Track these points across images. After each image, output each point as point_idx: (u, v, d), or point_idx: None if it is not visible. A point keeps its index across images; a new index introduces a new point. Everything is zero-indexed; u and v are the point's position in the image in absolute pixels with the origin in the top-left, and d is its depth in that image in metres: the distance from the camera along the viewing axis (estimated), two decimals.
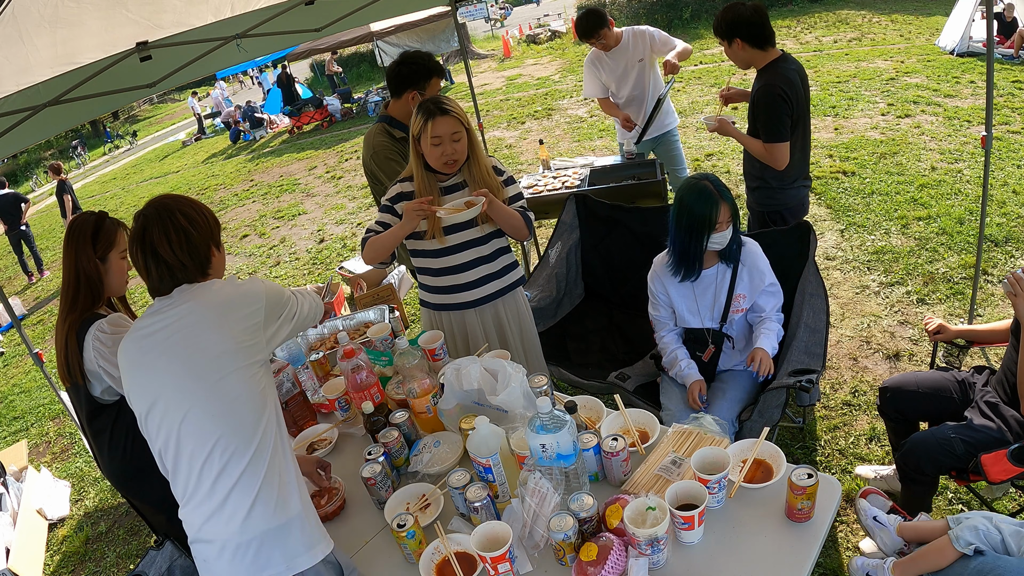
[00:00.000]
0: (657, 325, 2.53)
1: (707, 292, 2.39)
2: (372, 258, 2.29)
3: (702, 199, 2.20)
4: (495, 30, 22.41)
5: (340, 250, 6.58)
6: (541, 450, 1.51)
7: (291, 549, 1.43)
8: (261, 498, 1.41)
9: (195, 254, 1.52)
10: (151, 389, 1.47)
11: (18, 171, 22.44)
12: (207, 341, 1.44)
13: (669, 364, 2.48)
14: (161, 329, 1.47)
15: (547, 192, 4.09)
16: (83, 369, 1.97)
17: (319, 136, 13.31)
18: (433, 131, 2.12)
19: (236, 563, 1.41)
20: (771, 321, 2.37)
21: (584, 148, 7.80)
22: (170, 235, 1.49)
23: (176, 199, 1.56)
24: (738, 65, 2.84)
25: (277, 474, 1.45)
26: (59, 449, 4.55)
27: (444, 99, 2.17)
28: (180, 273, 1.50)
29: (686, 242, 2.27)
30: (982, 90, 6.11)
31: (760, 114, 2.73)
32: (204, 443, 1.41)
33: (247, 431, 1.43)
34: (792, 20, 12.62)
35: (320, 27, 4.09)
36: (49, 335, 6.80)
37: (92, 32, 2.35)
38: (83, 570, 3.30)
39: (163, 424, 1.46)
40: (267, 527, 1.41)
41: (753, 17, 2.66)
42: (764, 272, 2.36)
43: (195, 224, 1.53)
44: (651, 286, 2.49)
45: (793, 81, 2.65)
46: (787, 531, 1.49)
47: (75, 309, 2.00)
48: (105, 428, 2.06)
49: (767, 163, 2.78)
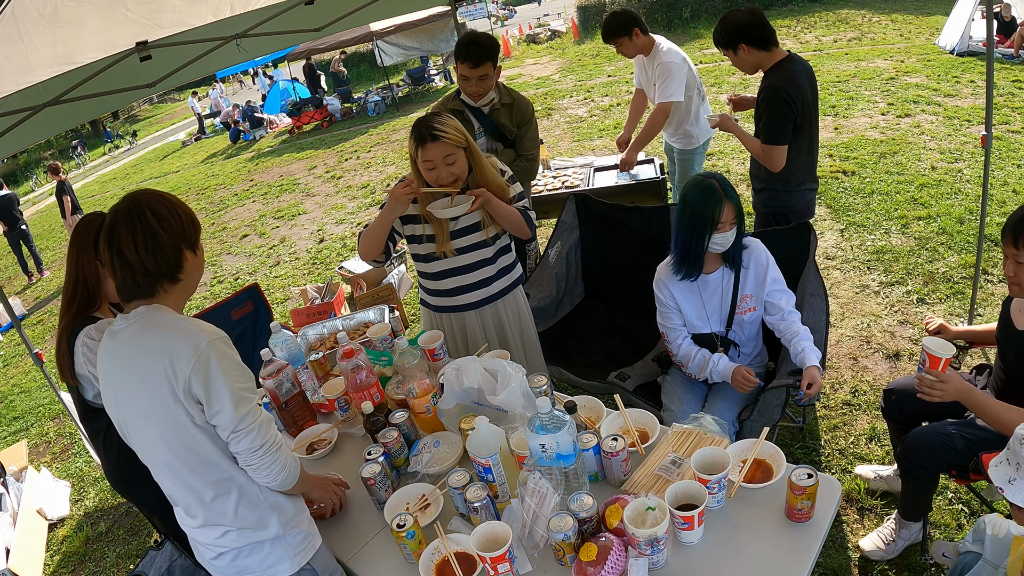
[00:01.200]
0: (671, 335, 2.39)
1: (714, 297, 2.33)
2: (366, 251, 2.29)
3: (706, 196, 2.14)
4: (495, 29, 22.40)
5: (340, 250, 6.57)
6: (541, 450, 1.51)
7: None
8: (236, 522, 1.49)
9: (162, 256, 1.40)
10: (113, 404, 1.50)
11: (18, 171, 22.45)
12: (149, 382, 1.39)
13: (699, 369, 2.32)
14: (116, 351, 1.45)
15: (547, 192, 4.09)
16: (75, 372, 1.97)
17: (319, 136, 13.31)
18: (424, 156, 2.10)
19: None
20: (801, 331, 2.22)
21: (584, 148, 7.79)
22: (136, 235, 1.37)
23: (150, 196, 1.43)
24: (747, 71, 2.81)
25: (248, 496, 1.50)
26: (59, 449, 4.55)
27: (438, 121, 2.09)
28: (142, 277, 1.40)
29: (688, 239, 2.21)
30: (982, 89, 6.11)
31: (762, 114, 2.72)
32: (167, 469, 1.47)
33: (207, 462, 1.45)
34: (792, 20, 12.61)
35: (320, 27, 4.09)
36: (49, 335, 6.81)
37: (92, 31, 2.34)
38: (83, 570, 3.30)
39: (131, 440, 1.52)
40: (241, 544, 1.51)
41: (752, 20, 2.66)
42: (768, 267, 2.29)
43: (165, 224, 1.40)
44: (658, 294, 2.39)
45: (799, 84, 2.64)
46: (787, 531, 1.49)
47: (70, 311, 1.99)
48: (100, 431, 2.06)
49: (763, 164, 2.79)
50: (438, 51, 16.11)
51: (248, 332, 3.42)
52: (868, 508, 2.50)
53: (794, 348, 2.20)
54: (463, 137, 2.13)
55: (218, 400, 1.37)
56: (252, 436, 1.42)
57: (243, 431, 1.41)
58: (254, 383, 1.49)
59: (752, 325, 2.38)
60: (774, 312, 2.29)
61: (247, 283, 4.89)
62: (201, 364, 1.34)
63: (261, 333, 3.41)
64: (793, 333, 2.22)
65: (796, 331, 2.22)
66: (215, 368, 1.36)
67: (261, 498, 1.50)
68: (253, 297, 3.48)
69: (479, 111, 2.97)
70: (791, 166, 2.77)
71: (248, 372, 1.46)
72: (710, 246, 2.21)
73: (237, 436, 1.41)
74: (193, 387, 1.35)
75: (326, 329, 2.89)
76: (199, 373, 1.34)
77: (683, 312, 2.37)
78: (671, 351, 2.43)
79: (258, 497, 1.50)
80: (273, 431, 1.48)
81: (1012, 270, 1.81)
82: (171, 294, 1.45)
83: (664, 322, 2.41)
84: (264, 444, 1.44)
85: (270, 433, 1.46)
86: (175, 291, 1.46)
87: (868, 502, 2.52)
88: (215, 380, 1.36)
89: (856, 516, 2.48)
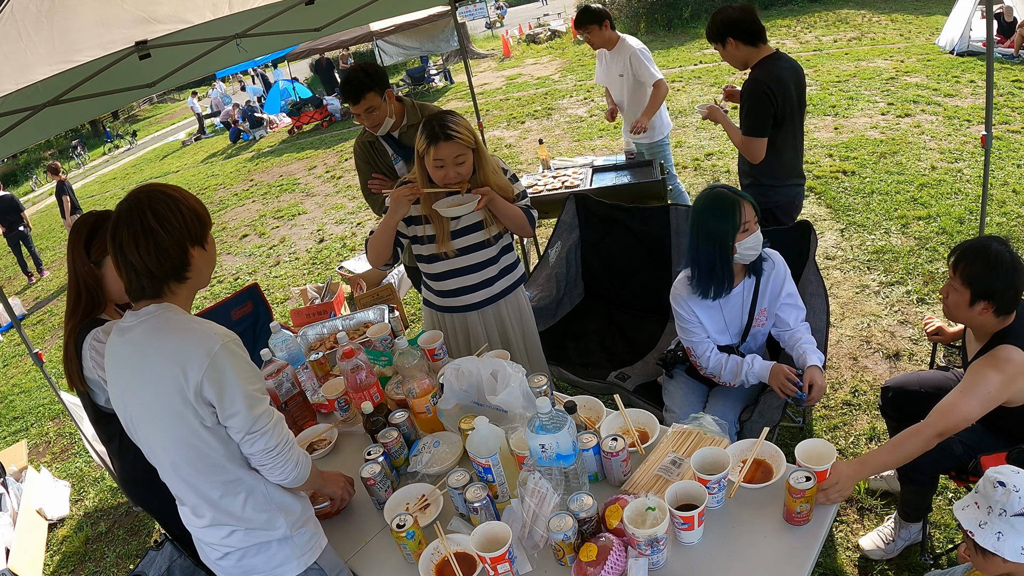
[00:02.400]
0: (698, 348, 2.26)
1: (734, 310, 2.26)
2: (374, 257, 2.28)
3: (720, 203, 2.04)
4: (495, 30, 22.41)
5: (340, 250, 6.57)
6: (541, 450, 1.51)
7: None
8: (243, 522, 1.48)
9: (166, 258, 1.36)
10: (120, 402, 1.49)
11: (18, 171, 22.43)
12: (160, 379, 1.38)
13: (733, 376, 2.22)
14: (125, 350, 1.43)
15: (547, 192, 4.09)
16: (83, 377, 1.93)
17: (319, 136, 13.31)
18: (435, 155, 2.09)
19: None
20: (805, 335, 2.19)
21: (584, 148, 7.79)
22: (138, 238, 1.34)
23: (151, 194, 1.38)
24: (735, 66, 2.89)
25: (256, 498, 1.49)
26: (59, 449, 4.55)
27: (452, 121, 2.09)
28: (148, 280, 1.38)
29: (711, 255, 2.06)
30: (982, 89, 6.10)
31: (744, 106, 2.80)
32: (172, 470, 1.46)
33: (214, 462, 1.44)
34: (792, 19, 12.60)
35: (320, 27, 4.08)
36: (49, 335, 6.81)
37: (89, 24, 2.33)
38: (83, 570, 3.30)
39: (137, 438, 1.51)
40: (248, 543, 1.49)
41: (742, 16, 2.74)
42: (785, 282, 2.23)
43: (167, 224, 1.36)
44: (678, 310, 2.26)
45: (783, 79, 2.69)
46: (787, 531, 1.49)
47: (76, 315, 1.95)
48: (114, 436, 2.01)
49: (744, 155, 2.87)
50: (438, 51, 16.12)
51: (248, 332, 3.41)
52: (868, 508, 2.50)
53: (796, 351, 2.17)
54: (473, 138, 2.14)
55: (232, 403, 1.36)
56: (267, 437, 1.41)
57: (258, 432, 1.40)
58: (264, 384, 1.49)
59: (763, 335, 2.36)
60: (782, 327, 2.26)
61: (247, 283, 4.88)
62: (214, 368, 1.33)
63: (261, 333, 3.41)
64: (796, 339, 2.20)
65: (799, 337, 2.20)
66: (228, 371, 1.34)
67: (269, 498, 1.49)
68: (253, 297, 3.47)
69: (389, 137, 2.89)
70: (775, 161, 2.83)
71: (259, 372, 1.46)
72: (740, 253, 2.07)
73: (252, 437, 1.40)
74: (205, 391, 1.34)
75: (326, 329, 2.89)
76: (212, 377, 1.33)
77: (704, 325, 2.27)
78: (699, 364, 2.31)
79: (266, 497, 1.48)
80: (286, 430, 1.48)
81: (946, 292, 1.89)
82: (180, 292, 1.43)
83: (688, 337, 2.28)
84: (279, 444, 1.44)
85: (284, 432, 1.46)
86: (184, 289, 1.44)
87: (868, 502, 2.52)
88: (229, 383, 1.35)
89: (856, 516, 2.48)
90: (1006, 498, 1.26)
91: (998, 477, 1.29)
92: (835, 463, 1.57)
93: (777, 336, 2.30)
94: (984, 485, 1.32)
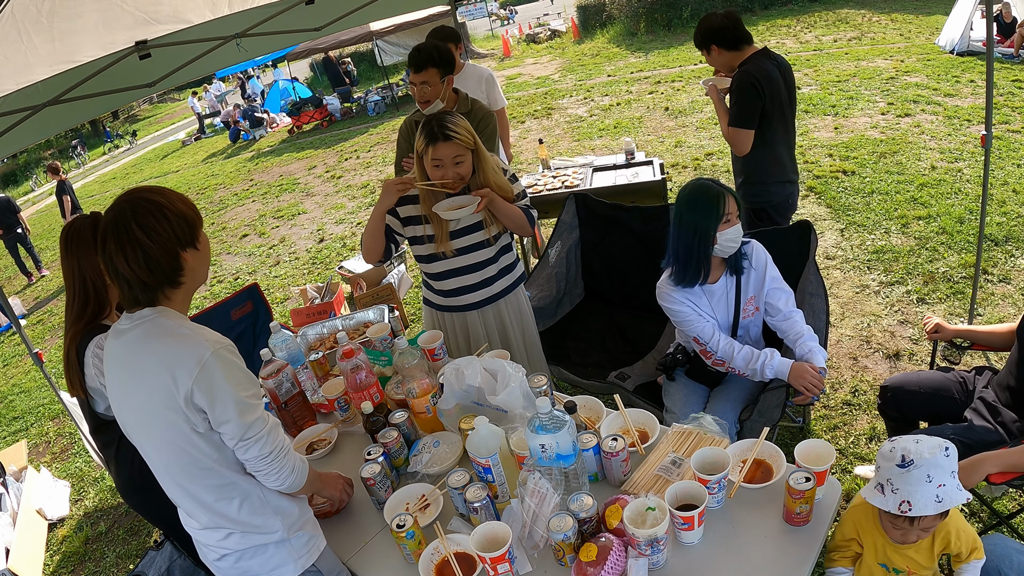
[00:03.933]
0: (704, 336, 2.21)
1: (719, 306, 2.26)
2: (366, 252, 2.29)
3: (704, 194, 2.07)
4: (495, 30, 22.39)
5: (340, 250, 6.57)
6: (541, 450, 1.51)
7: None
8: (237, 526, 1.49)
9: (156, 268, 1.36)
10: (116, 404, 1.49)
11: (18, 171, 22.42)
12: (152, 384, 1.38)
13: (745, 363, 2.16)
14: (120, 352, 1.43)
15: (547, 192, 4.09)
16: (84, 385, 1.91)
17: (319, 136, 13.30)
18: (434, 154, 2.10)
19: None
20: (805, 331, 2.17)
21: (584, 147, 7.79)
22: (126, 251, 1.33)
23: (134, 203, 1.35)
24: (722, 71, 2.96)
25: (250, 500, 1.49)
26: (59, 449, 4.55)
27: (451, 121, 2.09)
28: (141, 290, 1.37)
29: (690, 244, 2.09)
30: (982, 89, 6.10)
31: (732, 97, 2.83)
32: (165, 473, 1.47)
33: (208, 465, 1.44)
34: (792, 19, 12.60)
35: (320, 26, 4.08)
36: (49, 335, 6.81)
37: (89, 26, 2.34)
38: (83, 570, 3.30)
39: (132, 439, 1.52)
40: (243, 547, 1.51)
41: (724, 23, 2.80)
42: (767, 265, 2.24)
43: (153, 234, 1.33)
44: (670, 307, 2.24)
45: (770, 74, 2.73)
46: (787, 531, 1.49)
47: (80, 320, 1.92)
48: (112, 443, 2.01)
49: (730, 145, 2.90)
50: None
51: (248, 332, 3.41)
52: None
53: (800, 349, 2.16)
54: (472, 139, 2.14)
55: (224, 411, 1.35)
56: (261, 444, 1.41)
57: (251, 439, 1.40)
58: (259, 390, 1.48)
59: (756, 327, 2.35)
60: (774, 313, 2.25)
61: (247, 283, 4.89)
62: (204, 375, 1.33)
63: (261, 333, 3.41)
64: (797, 334, 2.18)
65: (800, 331, 2.18)
66: (219, 378, 1.34)
67: (265, 502, 1.49)
68: (253, 297, 3.47)
69: None
70: (766, 159, 2.86)
71: (254, 379, 1.45)
72: (720, 245, 2.09)
73: (245, 444, 1.40)
74: (195, 397, 1.34)
75: (326, 329, 2.89)
76: (202, 384, 1.33)
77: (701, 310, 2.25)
78: (709, 351, 2.26)
79: (262, 501, 1.49)
80: (281, 436, 1.47)
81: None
82: (176, 295, 1.43)
83: (690, 329, 2.24)
84: (273, 451, 1.43)
85: (278, 439, 1.46)
86: (179, 292, 1.44)
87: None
88: (220, 390, 1.34)
89: None
90: (894, 455, 1.41)
91: (889, 444, 1.43)
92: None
93: (774, 327, 2.28)
94: (878, 458, 1.45)
